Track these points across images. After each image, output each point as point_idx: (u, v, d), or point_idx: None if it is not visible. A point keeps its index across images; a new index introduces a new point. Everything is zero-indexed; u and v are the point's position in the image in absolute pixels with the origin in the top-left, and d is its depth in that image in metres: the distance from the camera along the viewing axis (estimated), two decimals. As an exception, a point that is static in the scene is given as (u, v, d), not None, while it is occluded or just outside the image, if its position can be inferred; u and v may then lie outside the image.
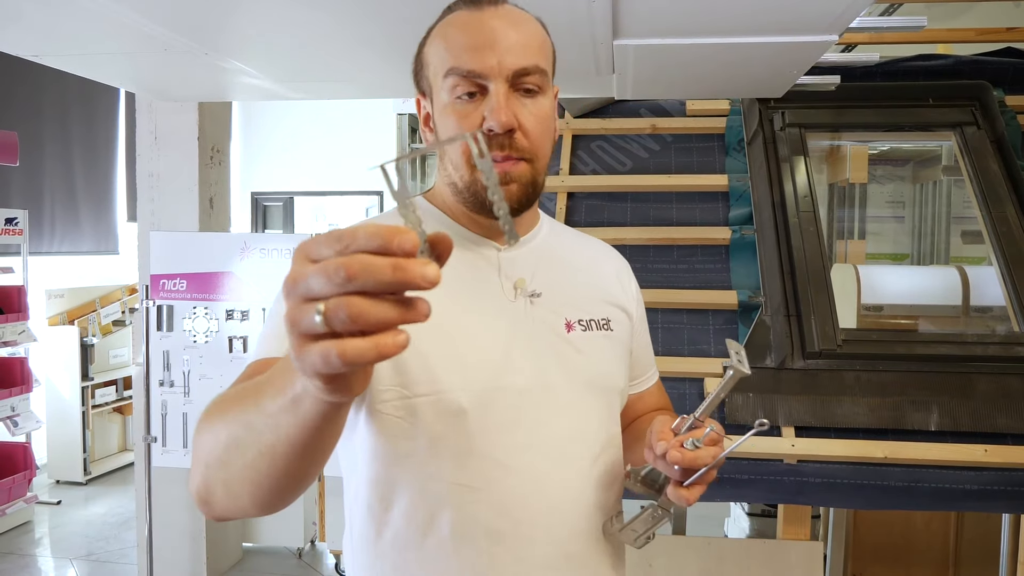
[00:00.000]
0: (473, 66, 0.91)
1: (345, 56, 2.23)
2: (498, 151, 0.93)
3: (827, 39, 1.83)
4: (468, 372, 0.95)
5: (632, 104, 2.78)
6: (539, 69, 0.94)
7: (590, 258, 1.15)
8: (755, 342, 2.20)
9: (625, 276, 1.17)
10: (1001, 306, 2.40)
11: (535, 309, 1.01)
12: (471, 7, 0.96)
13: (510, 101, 0.92)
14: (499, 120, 0.90)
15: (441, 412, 0.93)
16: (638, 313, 1.17)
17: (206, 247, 2.82)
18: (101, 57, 2.22)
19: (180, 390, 2.84)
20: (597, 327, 1.05)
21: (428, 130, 1.02)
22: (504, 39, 0.92)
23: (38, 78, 5.17)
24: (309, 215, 7.66)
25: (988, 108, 2.60)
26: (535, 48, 0.95)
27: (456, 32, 0.94)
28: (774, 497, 2.15)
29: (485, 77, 0.92)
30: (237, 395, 0.74)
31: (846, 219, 3.72)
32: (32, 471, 4.21)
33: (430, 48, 0.99)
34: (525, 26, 0.95)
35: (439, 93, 0.96)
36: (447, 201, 1.04)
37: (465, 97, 0.93)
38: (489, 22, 0.93)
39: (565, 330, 1.03)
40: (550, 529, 0.98)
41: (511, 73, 0.92)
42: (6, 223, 4.51)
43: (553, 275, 1.05)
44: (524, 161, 0.95)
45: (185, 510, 3.38)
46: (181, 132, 3.17)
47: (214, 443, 0.74)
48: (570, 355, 1.02)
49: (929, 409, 2.06)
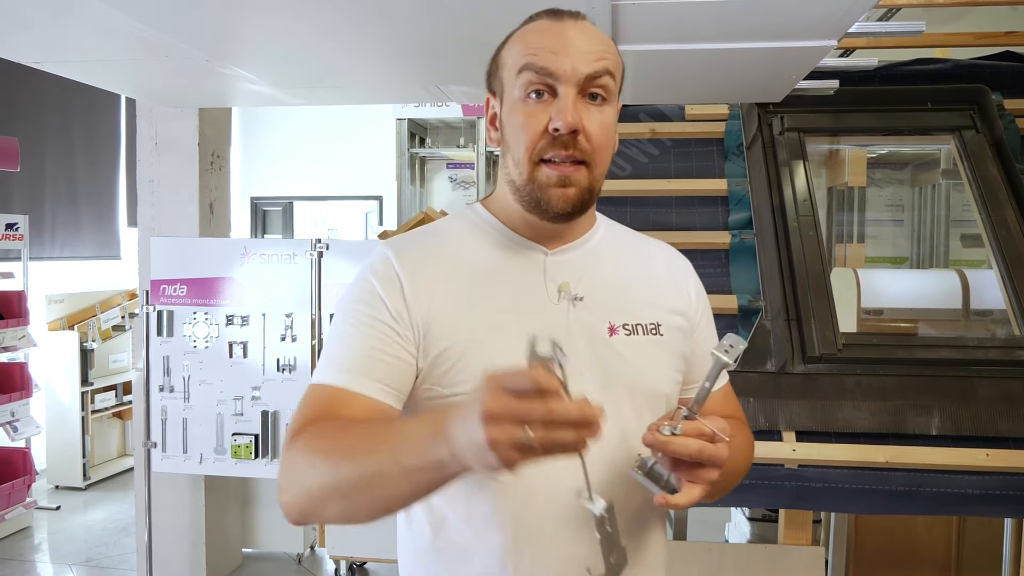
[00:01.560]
0: (547, 64, 0.96)
1: (345, 62, 2.24)
2: (561, 150, 0.96)
3: (826, 44, 1.84)
4: None
5: (631, 109, 2.78)
6: (608, 72, 0.98)
7: (646, 261, 1.15)
8: (755, 346, 2.20)
9: (684, 280, 1.17)
10: (1001, 309, 2.40)
11: (577, 312, 1.03)
12: (553, 18, 1.01)
13: (577, 105, 0.96)
14: (565, 120, 0.94)
15: None
16: (699, 315, 1.16)
17: (206, 252, 2.82)
18: (102, 63, 2.23)
19: (180, 395, 2.84)
20: (644, 331, 1.06)
21: (493, 128, 1.06)
22: (579, 47, 0.97)
23: (40, 84, 5.17)
24: (308, 220, 7.67)
25: (987, 112, 2.60)
26: (607, 56, 0.99)
27: (535, 36, 1.00)
28: (775, 502, 2.15)
29: (556, 78, 0.96)
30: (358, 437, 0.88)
31: (845, 223, 3.72)
32: (32, 476, 4.21)
33: (508, 51, 1.03)
34: (600, 40, 1.01)
35: (511, 90, 1.00)
36: (506, 204, 1.06)
37: (534, 96, 0.98)
38: (568, 31, 0.98)
39: (608, 334, 1.03)
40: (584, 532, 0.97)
41: (582, 78, 0.96)
42: (7, 228, 4.51)
43: (601, 279, 1.07)
44: (584, 165, 0.98)
45: (185, 515, 3.37)
46: (181, 138, 3.17)
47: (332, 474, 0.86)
48: (610, 359, 1.02)
49: (930, 413, 2.06)
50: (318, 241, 2.75)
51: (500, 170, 1.07)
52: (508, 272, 1.04)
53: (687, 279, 1.18)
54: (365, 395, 0.95)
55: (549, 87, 0.97)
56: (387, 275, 1.01)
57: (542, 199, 0.98)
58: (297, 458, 0.90)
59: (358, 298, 1.02)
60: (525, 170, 0.99)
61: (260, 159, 7.33)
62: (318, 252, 2.73)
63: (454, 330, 0.99)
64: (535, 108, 0.97)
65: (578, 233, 1.09)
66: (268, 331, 2.77)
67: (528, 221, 1.04)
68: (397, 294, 0.99)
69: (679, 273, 1.18)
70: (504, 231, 1.06)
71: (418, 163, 6.83)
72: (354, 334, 1.00)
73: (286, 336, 2.76)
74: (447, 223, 1.11)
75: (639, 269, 1.13)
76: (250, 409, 2.78)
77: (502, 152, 1.05)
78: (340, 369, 0.98)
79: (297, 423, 0.94)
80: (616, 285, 1.08)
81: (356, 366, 0.97)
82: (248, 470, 2.84)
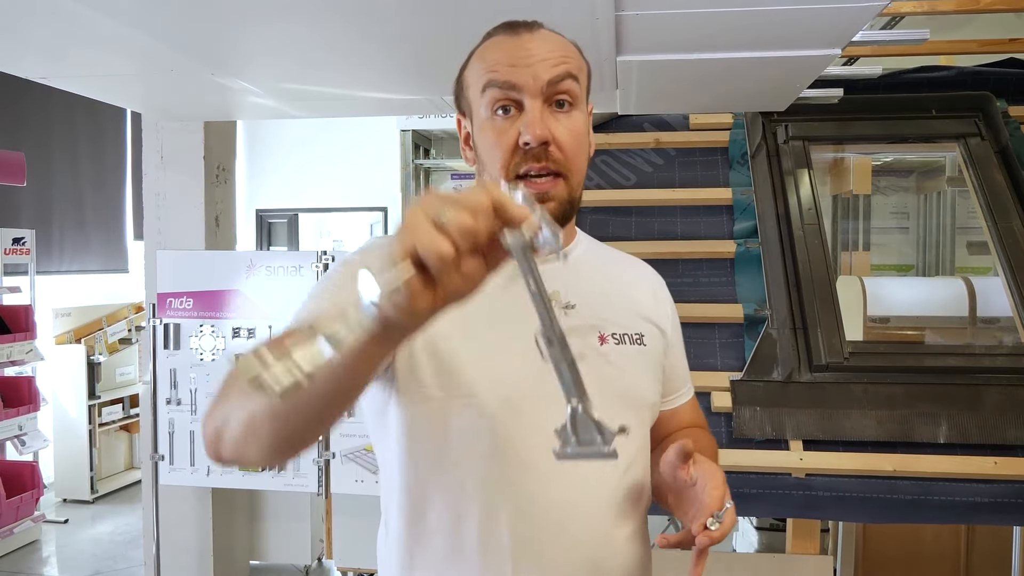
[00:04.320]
0: (507, 77, 0.96)
1: (349, 75, 2.25)
2: (534, 163, 0.96)
3: (830, 53, 1.84)
4: (499, 379, 0.98)
5: (635, 118, 2.79)
6: (571, 76, 0.98)
7: (626, 274, 1.17)
8: (762, 355, 2.20)
9: (660, 293, 1.19)
10: (1008, 317, 2.40)
11: (569, 321, 1.03)
12: (508, 32, 1.01)
13: (544, 116, 0.96)
14: (533, 133, 0.95)
15: (472, 416, 0.96)
16: (672, 330, 1.18)
17: (212, 265, 2.83)
18: (109, 78, 2.24)
19: (187, 408, 2.84)
20: (631, 341, 1.07)
21: (468, 148, 1.07)
22: (537, 55, 0.97)
23: (46, 98, 5.21)
24: (313, 232, 7.68)
25: (991, 119, 2.60)
26: (567, 59, 0.99)
27: (493, 51, 1.00)
28: (783, 511, 2.14)
29: (520, 90, 0.96)
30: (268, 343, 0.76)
31: (850, 231, 3.71)
32: (40, 490, 4.21)
33: (470, 70, 1.04)
34: (559, 44, 1.01)
35: (478, 110, 1.01)
36: None
37: (501, 112, 0.98)
38: (524, 43, 0.98)
39: (598, 342, 1.04)
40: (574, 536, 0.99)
41: (544, 85, 0.96)
42: (14, 243, 4.53)
43: (588, 289, 1.07)
44: (560, 178, 0.98)
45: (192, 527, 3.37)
46: (187, 151, 3.18)
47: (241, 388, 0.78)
48: (602, 367, 1.03)
49: (938, 421, 2.05)
50: (324, 253, 2.76)
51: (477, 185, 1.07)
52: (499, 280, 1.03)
53: (664, 295, 1.20)
54: None
55: (515, 101, 0.97)
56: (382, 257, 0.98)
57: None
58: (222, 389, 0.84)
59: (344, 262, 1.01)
60: None
61: (265, 171, 7.36)
62: (324, 264, 2.74)
63: (447, 336, 0.97)
64: (503, 124, 0.98)
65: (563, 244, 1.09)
66: (274, 343, 2.78)
67: None
68: None
69: (656, 288, 1.19)
70: None
71: (422, 174, 6.84)
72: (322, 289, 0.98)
73: (292, 348, 2.77)
74: None
75: (621, 281, 1.15)
76: (257, 421, 2.79)
77: (477, 171, 1.05)
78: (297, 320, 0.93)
79: None
80: (603, 296, 1.09)
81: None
82: (255, 482, 2.84)
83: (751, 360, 2.19)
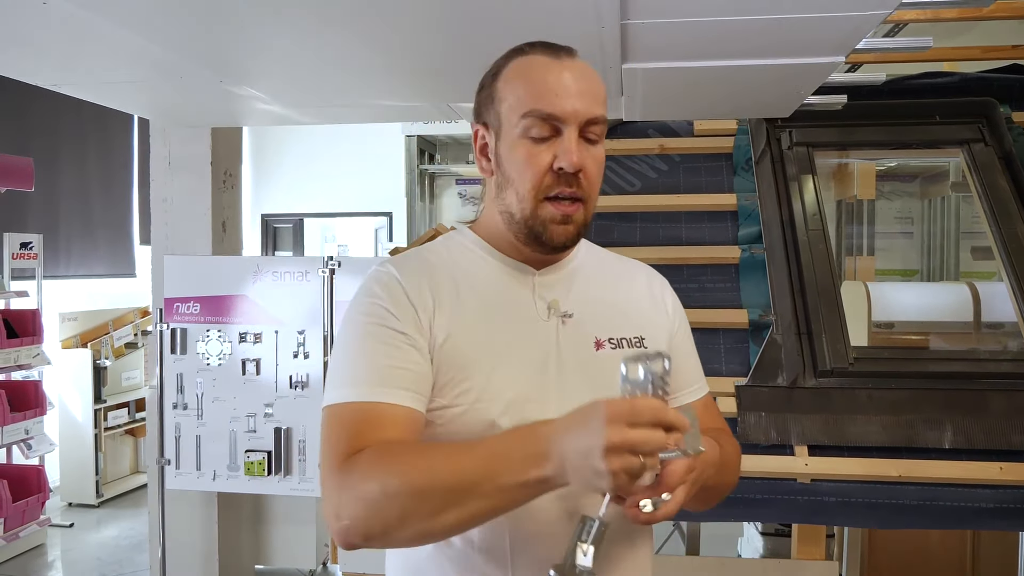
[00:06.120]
0: (554, 110, 1.00)
1: (356, 82, 2.27)
2: (566, 187, 1.02)
3: (834, 60, 1.85)
4: (501, 386, 1.02)
5: (640, 125, 2.80)
6: (604, 120, 1.04)
7: (624, 279, 1.20)
8: (766, 361, 2.20)
9: (660, 294, 1.21)
10: (1013, 322, 2.40)
11: (566, 328, 1.08)
12: (549, 54, 1.05)
13: (580, 146, 1.01)
14: (571, 161, 1.00)
15: (474, 422, 1.01)
16: (677, 328, 1.21)
17: (219, 270, 2.84)
18: (118, 85, 2.26)
19: (193, 412, 2.85)
20: (628, 345, 1.11)
21: (484, 159, 1.10)
22: (580, 89, 1.01)
23: (54, 104, 5.23)
24: (318, 236, 7.71)
25: (995, 124, 2.60)
26: (602, 101, 1.05)
27: (537, 76, 1.03)
28: (788, 517, 2.14)
29: (562, 121, 1.01)
30: (440, 458, 0.91)
31: (855, 236, 3.72)
32: (45, 494, 4.22)
33: (506, 85, 1.06)
34: (596, 81, 1.05)
35: (511, 128, 1.04)
36: (496, 231, 1.10)
37: (538, 137, 1.02)
38: (568, 72, 1.02)
39: (594, 348, 1.08)
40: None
41: (584, 120, 1.01)
42: (21, 247, 4.55)
43: (586, 296, 1.12)
44: (581, 203, 1.04)
45: (198, 532, 3.38)
46: (194, 157, 3.19)
47: (413, 495, 0.88)
48: (599, 372, 1.06)
49: (943, 427, 2.06)
50: (330, 259, 2.77)
51: (492, 200, 1.10)
52: (500, 291, 1.09)
53: (664, 294, 1.22)
54: (396, 404, 0.97)
55: (553, 128, 1.01)
56: (393, 290, 1.04)
57: (543, 234, 1.04)
58: (362, 481, 0.91)
59: (366, 312, 1.04)
60: (529, 206, 1.03)
61: (271, 176, 7.38)
62: (330, 270, 2.75)
63: (454, 346, 1.02)
64: (539, 148, 1.02)
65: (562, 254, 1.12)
66: (281, 348, 2.79)
67: (515, 245, 1.09)
68: (407, 307, 1.02)
69: (657, 289, 1.22)
70: (494, 253, 1.11)
71: (427, 179, 6.87)
72: (368, 348, 1.01)
73: (298, 353, 2.77)
74: (438, 245, 1.15)
75: (620, 287, 1.18)
76: (263, 426, 2.79)
77: (498, 184, 1.08)
78: (363, 383, 0.99)
79: (340, 447, 0.95)
80: (601, 302, 1.13)
81: (379, 378, 0.98)
82: (261, 487, 2.84)
83: (756, 365, 2.19)
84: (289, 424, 2.79)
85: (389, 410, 0.97)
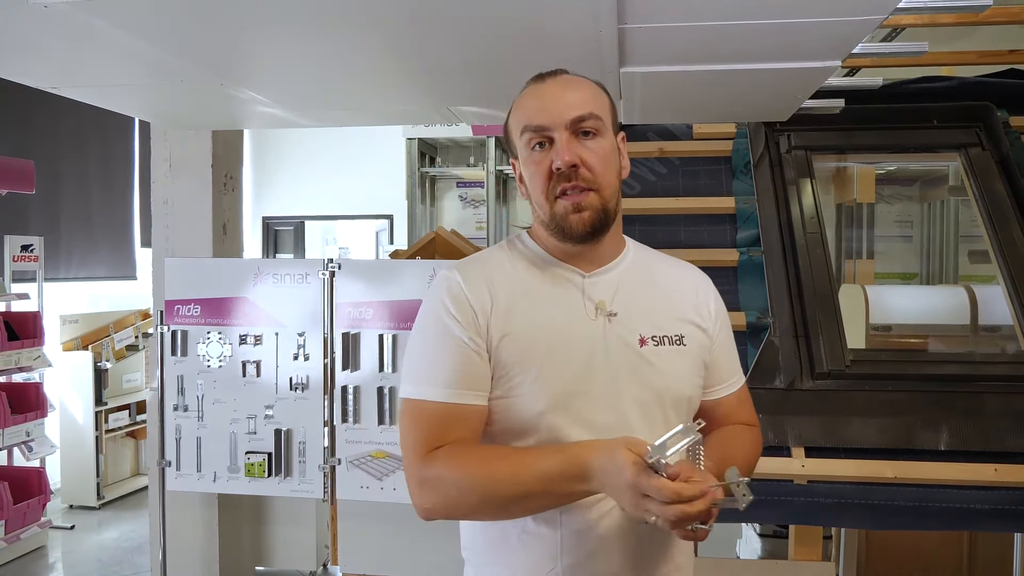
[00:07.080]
0: (541, 121, 1.17)
1: (356, 86, 2.28)
2: (566, 183, 1.16)
3: (831, 64, 1.86)
4: (550, 379, 1.16)
5: (640, 128, 2.81)
6: (593, 115, 1.18)
7: (671, 280, 1.31)
8: (764, 363, 2.22)
9: (704, 296, 1.31)
10: (1009, 325, 2.41)
11: (612, 326, 1.20)
12: (537, 80, 1.23)
13: (572, 144, 1.16)
14: (562, 159, 1.15)
15: (526, 411, 1.16)
16: (717, 329, 1.30)
17: (220, 273, 2.85)
18: (119, 88, 2.27)
19: (194, 414, 2.86)
20: (670, 343, 1.22)
21: (522, 184, 1.26)
22: (562, 98, 1.18)
23: (55, 107, 5.24)
24: (319, 238, 7.72)
25: (992, 129, 2.61)
26: (588, 100, 1.19)
27: (527, 101, 1.22)
28: (785, 518, 2.15)
29: (550, 129, 1.17)
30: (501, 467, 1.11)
31: (854, 239, 3.72)
32: (46, 496, 4.23)
33: (512, 119, 1.25)
34: (580, 85, 1.21)
35: (521, 150, 1.22)
36: (544, 237, 1.25)
37: (537, 148, 1.19)
38: (551, 88, 1.20)
39: (639, 345, 1.20)
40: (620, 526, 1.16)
41: (569, 122, 1.16)
42: (22, 250, 4.56)
43: (632, 296, 1.23)
44: (591, 191, 1.17)
45: (198, 533, 3.39)
46: (195, 159, 3.20)
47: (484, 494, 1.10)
48: (642, 367, 1.19)
49: (939, 429, 2.07)
50: (330, 261, 2.78)
51: (533, 214, 1.27)
52: (553, 293, 1.22)
53: (708, 296, 1.32)
54: (469, 404, 1.16)
55: (547, 137, 1.18)
56: (458, 296, 1.19)
57: (564, 226, 1.18)
58: (439, 480, 1.13)
59: (437, 318, 1.20)
60: (546, 208, 1.19)
61: (272, 179, 7.39)
62: (330, 272, 2.76)
63: (509, 344, 1.17)
64: (539, 157, 1.18)
65: (609, 257, 1.25)
66: (281, 350, 2.80)
67: (563, 249, 1.22)
68: (469, 312, 1.18)
69: (701, 291, 1.32)
70: (547, 258, 1.25)
71: (428, 182, 6.87)
72: (442, 351, 1.18)
73: (299, 355, 2.78)
74: (499, 251, 1.30)
75: (665, 287, 1.29)
76: (263, 427, 2.80)
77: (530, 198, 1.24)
78: (440, 385, 1.16)
79: (421, 441, 1.15)
80: (646, 302, 1.24)
81: (454, 381, 1.16)
82: (261, 488, 2.85)
83: (754, 367, 2.21)
84: (289, 426, 2.80)
85: (464, 410, 1.15)
